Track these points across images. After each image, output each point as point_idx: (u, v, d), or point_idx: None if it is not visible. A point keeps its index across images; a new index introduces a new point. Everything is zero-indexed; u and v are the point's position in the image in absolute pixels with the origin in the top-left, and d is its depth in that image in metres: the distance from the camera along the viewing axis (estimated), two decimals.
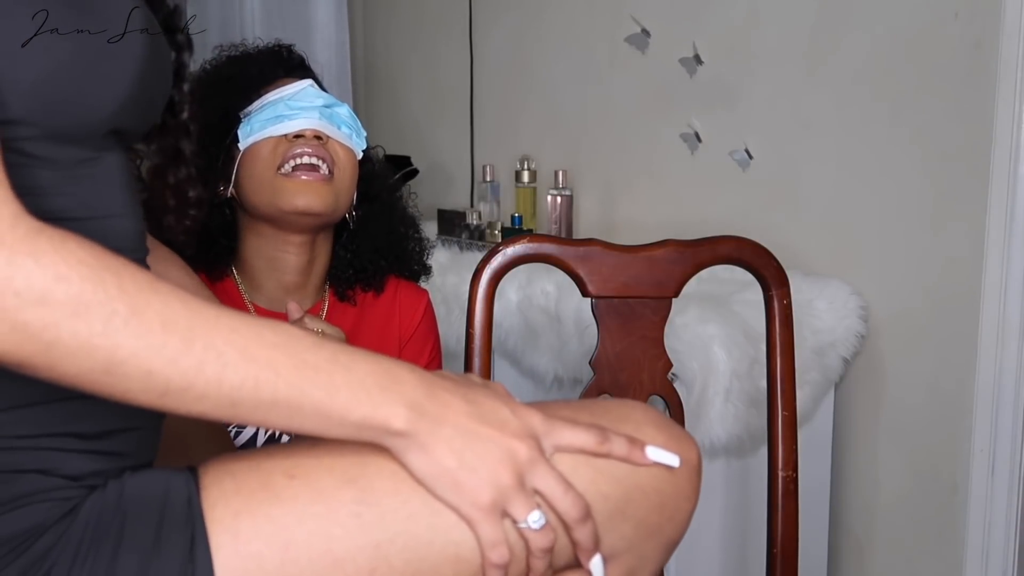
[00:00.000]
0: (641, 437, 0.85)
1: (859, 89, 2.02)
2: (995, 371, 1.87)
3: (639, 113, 2.45)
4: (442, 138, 3.02)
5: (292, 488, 0.78)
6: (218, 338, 0.72)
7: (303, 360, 0.75)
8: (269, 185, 1.40)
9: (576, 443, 0.82)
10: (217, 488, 0.78)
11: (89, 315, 0.68)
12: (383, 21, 3.23)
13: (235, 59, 1.52)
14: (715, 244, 1.39)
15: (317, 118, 1.42)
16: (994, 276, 1.85)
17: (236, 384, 0.72)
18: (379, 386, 0.77)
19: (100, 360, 0.68)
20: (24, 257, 0.67)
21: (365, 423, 0.76)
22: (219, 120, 1.43)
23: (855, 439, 2.10)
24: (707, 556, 1.89)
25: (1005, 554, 1.91)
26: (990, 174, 1.84)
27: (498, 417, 0.80)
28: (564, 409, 0.87)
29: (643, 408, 0.91)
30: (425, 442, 0.77)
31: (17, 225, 0.67)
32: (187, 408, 0.72)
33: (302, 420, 0.75)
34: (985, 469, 1.90)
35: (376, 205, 1.53)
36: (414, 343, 1.55)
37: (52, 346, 0.67)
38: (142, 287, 0.70)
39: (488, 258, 1.36)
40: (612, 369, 1.38)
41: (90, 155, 0.79)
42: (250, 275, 1.48)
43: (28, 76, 0.73)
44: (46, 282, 0.67)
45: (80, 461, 0.77)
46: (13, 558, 0.73)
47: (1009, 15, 1.79)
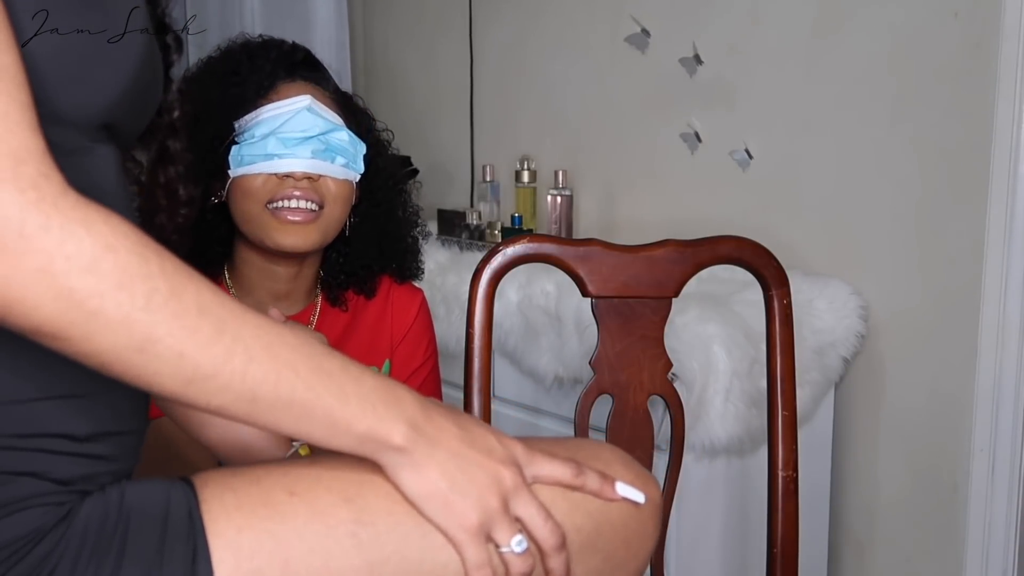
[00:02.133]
0: (611, 474, 0.89)
1: (859, 89, 2.02)
2: (995, 371, 1.87)
3: (639, 113, 2.45)
4: (442, 138, 3.02)
5: (292, 505, 0.79)
6: (246, 331, 0.73)
7: (320, 365, 0.76)
8: (258, 219, 1.39)
9: (554, 475, 0.86)
10: (218, 503, 0.78)
11: (133, 288, 0.68)
12: (383, 20, 3.23)
13: (233, 56, 1.45)
14: (715, 244, 1.39)
15: (309, 157, 1.37)
16: (994, 276, 1.85)
17: (259, 379, 0.73)
18: (383, 401, 0.78)
19: (137, 336, 0.68)
20: (76, 224, 0.67)
21: (368, 435, 0.78)
22: (213, 124, 1.39)
23: (855, 439, 2.10)
24: (707, 556, 1.89)
25: (1005, 554, 1.91)
26: (990, 174, 1.84)
27: (486, 444, 0.83)
28: (542, 443, 0.90)
29: (611, 448, 0.96)
30: (419, 461, 0.79)
31: (68, 193, 0.68)
32: (208, 399, 0.72)
33: (311, 425, 0.76)
34: (985, 469, 1.90)
35: (373, 208, 1.50)
36: (407, 343, 1.54)
37: (94, 316, 0.67)
38: (179, 270, 0.71)
39: (488, 258, 1.36)
40: (612, 369, 1.38)
41: (86, 144, 0.79)
42: (242, 282, 1.47)
43: (40, 49, 0.73)
44: (96, 250, 0.67)
45: (70, 465, 0.77)
46: (14, 563, 0.72)
47: (1009, 15, 1.79)
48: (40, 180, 0.66)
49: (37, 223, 0.65)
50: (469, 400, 1.34)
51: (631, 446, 1.38)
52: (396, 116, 3.28)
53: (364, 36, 3.30)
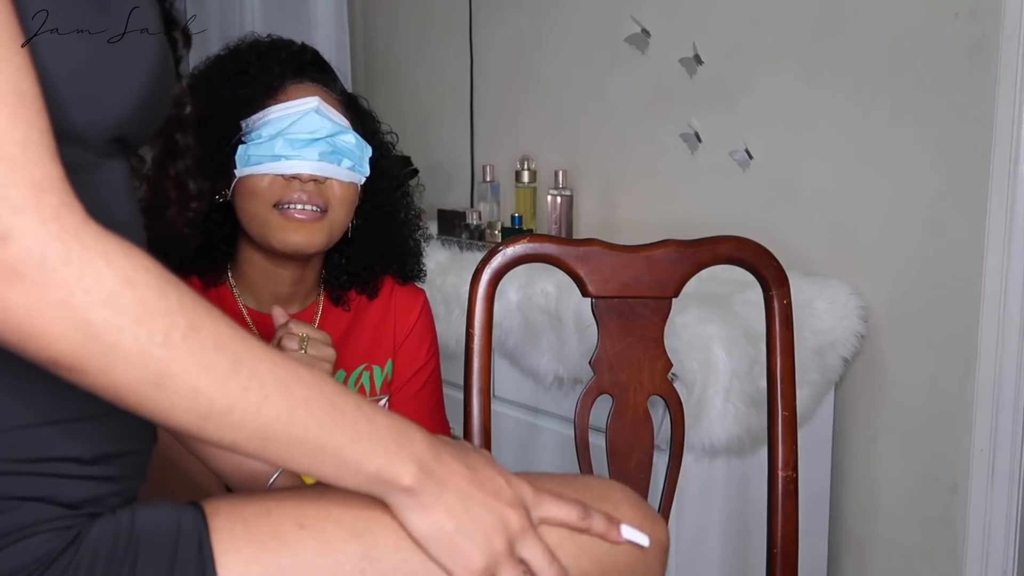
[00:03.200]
0: (619, 515, 0.89)
1: (859, 89, 2.02)
2: (995, 371, 1.87)
3: (639, 113, 2.45)
4: (442, 138, 3.02)
5: (302, 539, 0.79)
6: (262, 368, 0.73)
7: (333, 404, 0.76)
8: (264, 219, 1.38)
9: (561, 516, 0.86)
10: (228, 534, 0.78)
11: (152, 323, 0.68)
12: (383, 21, 3.23)
13: (242, 56, 1.44)
14: (715, 244, 1.39)
15: (316, 159, 1.37)
16: (994, 276, 1.85)
17: (273, 416, 0.73)
18: (395, 441, 0.79)
19: (153, 371, 0.68)
20: (97, 257, 0.66)
21: (378, 475, 0.78)
22: (220, 123, 1.39)
23: (855, 439, 2.10)
24: (707, 556, 1.89)
25: (1005, 554, 1.91)
26: (990, 174, 1.84)
27: (494, 485, 0.83)
28: (550, 482, 0.90)
29: (621, 488, 0.96)
30: (427, 502, 0.79)
31: (89, 224, 0.67)
32: (220, 435, 0.72)
33: (322, 463, 0.76)
34: (985, 469, 1.90)
35: (376, 210, 1.50)
36: (409, 344, 1.54)
37: (111, 349, 0.67)
38: (198, 305, 0.71)
39: (488, 258, 1.36)
40: (612, 369, 1.38)
41: (96, 160, 0.79)
42: (245, 281, 1.46)
43: (55, 70, 0.73)
44: (116, 284, 0.67)
45: (77, 488, 0.76)
46: None
47: (1009, 15, 1.79)
48: (63, 211, 0.66)
49: (58, 255, 0.65)
50: (469, 400, 1.34)
51: (631, 446, 1.38)
52: (396, 116, 3.27)
53: (364, 36, 3.30)
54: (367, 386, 1.51)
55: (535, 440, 2.06)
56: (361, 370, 1.50)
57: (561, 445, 1.93)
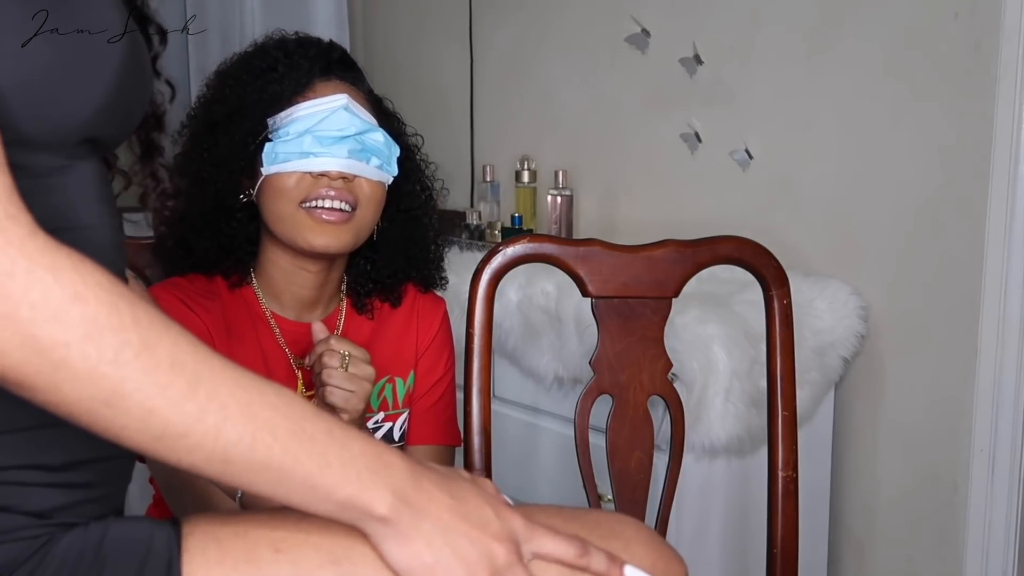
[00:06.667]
0: (629, 554, 0.84)
1: (859, 89, 2.02)
2: (995, 371, 1.87)
3: (639, 113, 2.45)
4: (442, 138, 3.02)
5: (276, 564, 0.76)
6: (222, 389, 0.70)
7: (301, 428, 0.73)
8: (291, 218, 1.35)
9: (555, 552, 0.81)
10: (201, 555, 0.76)
11: (102, 340, 0.65)
12: (383, 21, 3.23)
13: (269, 53, 1.42)
14: (715, 244, 1.39)
15: (345, 156, 1.34)
16: (994, 276, 1.85)
17: (233, 440, 0.70)
18: (369, 468, 0.75)
19: (104, 389, 0.66)
20: (43, 271, 0.64)
21: (349, 503, 0.75)
22: (247, 121, 1.36)
23: (855, 439, 2.10)
24: (707, 556, 1.89)
25: (1005, 554, 1.91)
26: (990, 174, 1.84)
27: (481, 516, 0.79)
28: (551, 516, 0.86)
29: (635, 525, 0.91)
30: (405, 533, 0.76)
31: (36, 237, 0.65)
32: (178, 457, 0.70)
33: (288, 489, 0.73)
34: (985, 469, 1.90)
35: (402, 213, 1.47)
36: (430, 354, 1.51)
37: (59, 367, 0.65)
38: (154, 322, 0.68)
39: (488, 258, 1.36)
40: (612, 369, 1.38)
41: (63, 163, 0.77)
42: (269, 284, 1.43)
43: (3, 80, 0.71)
44: (63, 300, 0.65)
45: (44, 496, 0.74)
46: None
47: (1009, 15, 1.79)
48: (7, 223, 0.64)
49: (1, 269, 0.63)
50: (469, 400, 1.34)
51: (631, 446, 1.38)
52: None
53: (364, 36, 3.30)
54: (389, 400, 1.47)
55: (535, 440, 2.06)
56: (384, 383, 1.46)
57: (561, 445, 1.93)
